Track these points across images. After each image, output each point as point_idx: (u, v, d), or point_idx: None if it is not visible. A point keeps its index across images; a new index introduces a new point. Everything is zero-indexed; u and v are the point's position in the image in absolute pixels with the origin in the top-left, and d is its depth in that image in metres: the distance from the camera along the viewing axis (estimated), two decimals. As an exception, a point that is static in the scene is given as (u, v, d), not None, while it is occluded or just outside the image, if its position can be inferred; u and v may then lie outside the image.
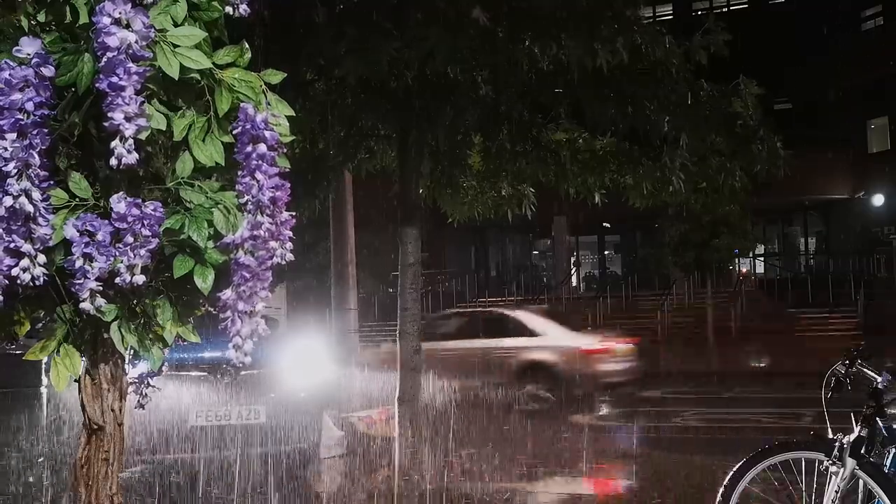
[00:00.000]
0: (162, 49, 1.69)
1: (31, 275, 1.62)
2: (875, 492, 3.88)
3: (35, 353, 1.81)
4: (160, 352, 1.87)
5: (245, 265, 1.74)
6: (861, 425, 3.93)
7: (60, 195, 1.70)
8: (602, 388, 13.19)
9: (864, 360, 4.06)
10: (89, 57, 1.67)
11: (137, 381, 2.08)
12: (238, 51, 1.83)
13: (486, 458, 7.15)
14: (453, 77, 7.06)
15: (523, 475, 6.98)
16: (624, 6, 7.25)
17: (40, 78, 1.59)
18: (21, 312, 1.85)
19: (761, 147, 8.43)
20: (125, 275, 1.64)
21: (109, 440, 1.92)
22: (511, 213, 9.63)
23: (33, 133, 1.59)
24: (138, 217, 1.64)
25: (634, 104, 7.93)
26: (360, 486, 6.38)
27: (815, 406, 4.18)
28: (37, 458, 6.57)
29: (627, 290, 32.08)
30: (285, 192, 1.78)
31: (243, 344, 1.79)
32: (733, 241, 25.28)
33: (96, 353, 1.89)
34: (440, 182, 8.83)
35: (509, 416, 9.50)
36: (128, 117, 1.61)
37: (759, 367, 21.13)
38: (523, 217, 9.75)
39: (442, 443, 7.08)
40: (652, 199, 9.04)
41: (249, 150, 1.74)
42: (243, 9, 1.86)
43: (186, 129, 1.77)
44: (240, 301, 1.77)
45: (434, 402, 8.60)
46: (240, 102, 1.78)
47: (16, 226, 1.60)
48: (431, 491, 6.12)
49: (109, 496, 1.93)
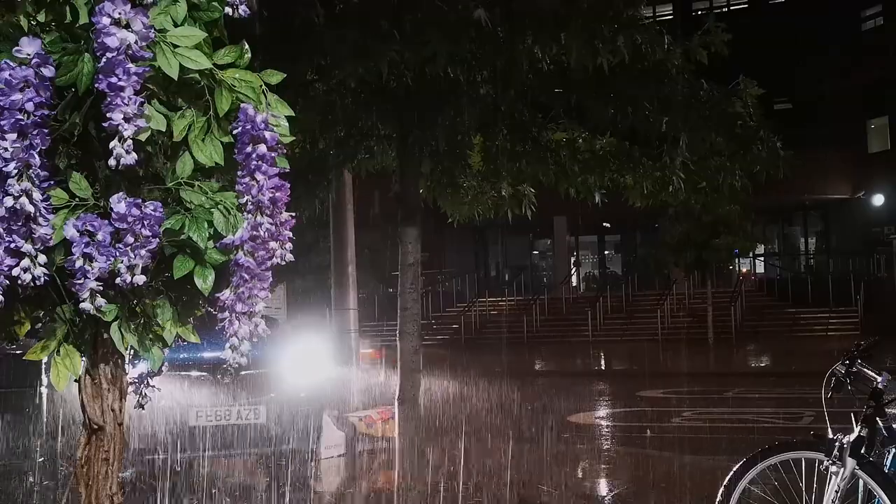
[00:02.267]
0: (162, 49, 1.69)
1: (32, 275, 1.62)
2: (875, 492, 3.88)
3: (35, 353, 1.82)
4: (160, 352, 1.87)
5: (244, 266, 1.74)
6: (861, 425, 3.93)
7: (60, 195, 1.70)
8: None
9: (864, 360, 4.06)
10: (89, 57, 1.67)
11: (137, 381, 2.09)
12: (238, 51, 1.83)
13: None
14: (453, 77, 7.06)
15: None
16: (624, 6, 7.25)
17: (40, 78, 1.59)
18: (21, 312, 1.86)
19: (761, 147, 8.43)
20: (125, 275, 1.64)
21: (109, 440, 1.92)
22: (511, 213, 9.62)
23: (33, 133, 1.59)
24: (138, 217, 1.64)
25: (634, 104, 7.92)
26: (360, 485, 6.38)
27: (816, 406, 4.18)
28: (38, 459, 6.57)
29: (627, 290, 32.11)
30: (285, 192, 1.78)
31: (240, 345, 1.79)
32: (733, 241, 25.29)
33: (96, 353, 1.89)
34: (440, 182, 8.82)
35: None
36: (127, 118, 1.61)
37: (759, 366, 21.13)
38: (523, 217, 9.75)
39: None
40: (652, 199, 9.03)
41: (249, 150, 1.74)
42: (243, 9, 1.87)
43: (186, 129, 1.77)
44: (238, 302, 1.77)
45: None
46: (240, 103, 1.78)
47: (16, 226, 1.60)
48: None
49: (109, 496, 1.93)
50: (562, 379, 15.68)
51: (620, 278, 35.50)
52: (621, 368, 21.89)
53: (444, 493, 6.20)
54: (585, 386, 15.35)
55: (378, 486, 6.49)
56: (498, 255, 40.34)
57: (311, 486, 6.66)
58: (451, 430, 8.41)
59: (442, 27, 6.56)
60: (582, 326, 29.41)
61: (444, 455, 7.11)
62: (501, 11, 6.80)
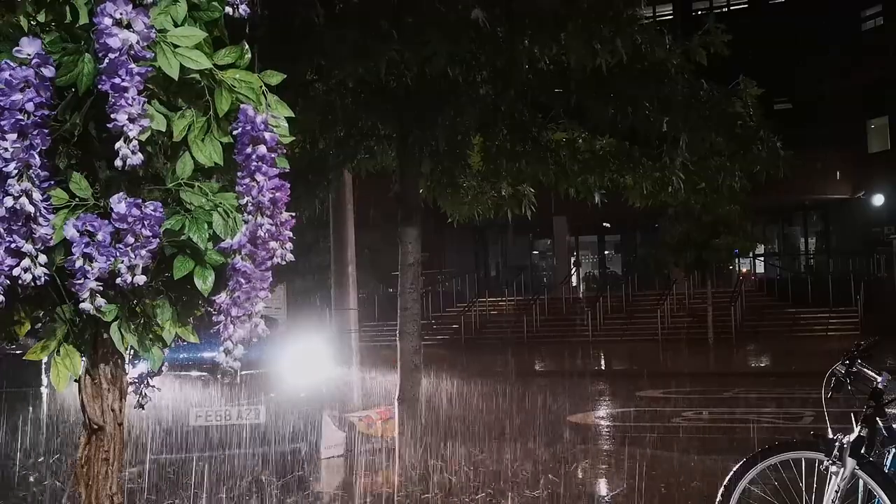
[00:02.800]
0: (162, 49, 1.69)
1: (32, 275, 1.62)
2: (875, 492, 3.88)
3: (35, 353, 1.82)
4: (160, 352, 1.87)
5: (241, 271, 1.74)
6: (861, 425, 3.93)
7: (60, 195, 1.70)
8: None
9: (864, 360, 4.06)
10: (90, 57, 1.67)
11: (137, 381, 2.09)
12: (238, 51, 1.83)
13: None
14: (453, 77, 7.06)
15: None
16: (624, 6, 7.25)
17: (40, 78, 1.59)
18: (21, 312, 1.86)
19: (761, 148, 8.44)
20: (125, 275, 1.64)
21: (109, 440, 1.92)
22: (511, 213, 9.63)
23: (34, 133, 1.59)
24: (139, 217, 1.64)
25: (634, 104, 7.93)
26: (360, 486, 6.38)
27: (816, 406, 4.18)
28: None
29: (627, 290, 32.11)
30: (285, 192, 1.78)
31: (234, 349, 1.79)
32: (733, 241, 25.30)
33: (96, 353, 1.89)
34: (440, 182, 8.83)
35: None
36: (131, 118, 1.61)
37: (759, 366, 21.13)
38: (523, 217, 9.75)
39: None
40: (651, 199, 9.04)
41: (249, 151, 1.74)
42: (243, 9, 1.87)
43: (186, 129, 1.77)
44: (234, 306, 1.76)
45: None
46: (240, 103, 1.78)
47: (16, 226, 1.60)
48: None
49: (109, 496, 1.93)
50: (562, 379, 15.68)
51: (620, 278, 35.50)
52: (621, 368, 21.88)
53: (445, 493, 6.20)
54: (585, 386, 15.34)
55: (378, 486, 6.49)
56: (498, 255, 40.35)
57: (310, 486, 6.67)
58: (452, 429, 8.41)
59: (441, 27, 6.56)
60: (582, 326, 29.42)
61: (444, 455, 7.11)
62: (501, 11, 6.80)
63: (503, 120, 8.51)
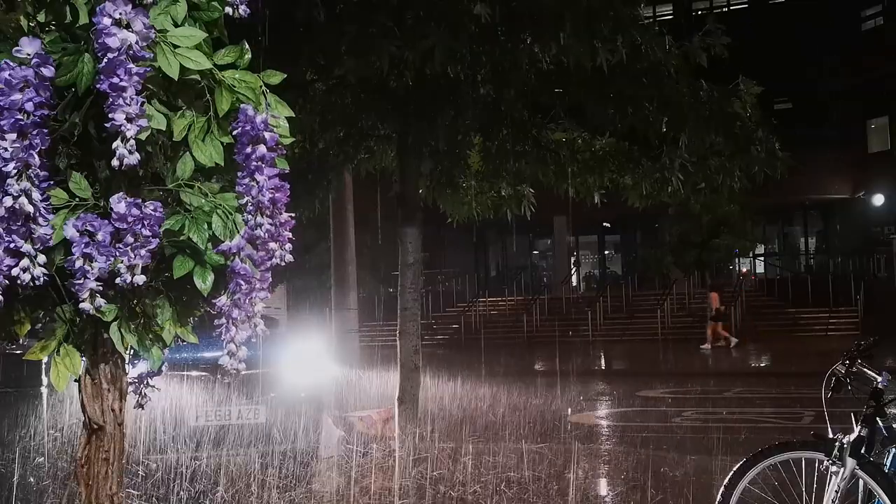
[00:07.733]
0: (162, 49, 1.69)
1: (32, 275, 1.62)
2: (875, 492, 3.88)
3: (35, 353, 1.82)
4: (160, 352, 1.87)
5: (241, 273, 1.74)
6: (861, 425, 3.93)
7: (60, 195, 1.70)
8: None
9: (864, 360, 4.06)
10: (89, 57, 1.67)
11: (137, 381, 2.09)
12: (238, 51, 1.83)
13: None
14: (453, 77, 7.07)
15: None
16: (624, 6, 7.25)
17: (40, 78, 1.59)
18: (21, 312, 1.86)
19: (760, 149, 8.43)
20: (125, 275, 1.64)
21: (109, 440, 1.92)
22: (511, 213, 9.63)
23: (33, 133, 1.59)
24: (138, 217, 1.64)
25: (634, 104, 7.93)
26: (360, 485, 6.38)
27: (816, 406, 4.18)
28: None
29: (627, 290, 32.10)
30: (285, 193, 1.78)
31: (237, 351, 1.79)
32: (733, 241, 25.32)
33: (96, 353, 1.89)
34: (440, 182, 8.83)
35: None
36: (129, 118, 1.61)
37: (759, 366, 21.13)
38: (523, 217, 9.75)
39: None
40: (651, 200, 9.04)
41: (249, 151, 1.74)
42: (243, 9, 1.87)
43: (186, 129, 1.77)
44: (234, 308, 1.77)
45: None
46: (240, 103, 1.78)
47: (16, 226, 1.60)
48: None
49: (109, 496, 1.93)
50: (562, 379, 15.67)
51: (620, 278, 35.49)
52: (621, 368, 21.88)
53: (444, 493, 6.20)
54: (585, 386, 15.34)
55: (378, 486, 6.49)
56: (498, 255, 40.34)
57: (310, 486, 6.66)
58: (451, 429, 8.41)
59: (441, 23, 6.56)
60: (582, 326, 29.39)
61: (444, 455, 7.11)
62: (501, 11, 6.80)
63: (503, 120, 8.51)
